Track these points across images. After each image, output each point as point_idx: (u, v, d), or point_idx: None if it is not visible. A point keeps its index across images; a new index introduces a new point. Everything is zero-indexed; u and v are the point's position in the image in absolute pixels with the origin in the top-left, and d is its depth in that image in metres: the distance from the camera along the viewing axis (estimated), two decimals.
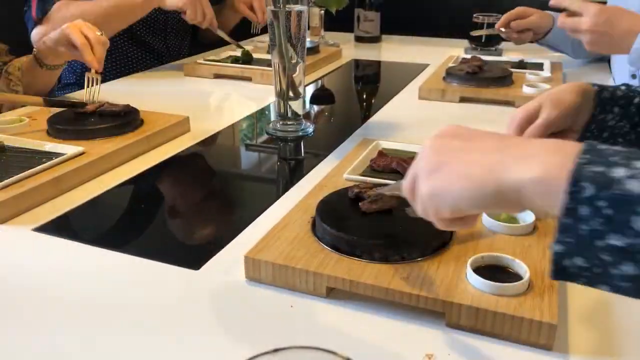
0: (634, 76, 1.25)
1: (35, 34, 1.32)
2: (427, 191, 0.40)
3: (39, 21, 1.32)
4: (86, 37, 1.04)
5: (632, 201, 0.31)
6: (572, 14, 1.08)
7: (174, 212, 0.78)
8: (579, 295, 0.55)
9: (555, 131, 0.61)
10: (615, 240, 0.32)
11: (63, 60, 1.14)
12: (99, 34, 1.06)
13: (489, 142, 0.39)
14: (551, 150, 0.35)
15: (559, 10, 1.15)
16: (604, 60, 1.50)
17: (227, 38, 1.55)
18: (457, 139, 0.41)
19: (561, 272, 0.35)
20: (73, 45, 1.04)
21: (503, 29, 1.48)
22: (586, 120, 0.62)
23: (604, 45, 1.06)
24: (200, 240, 0.71)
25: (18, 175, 0.74)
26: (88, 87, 1.06)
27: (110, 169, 0.85)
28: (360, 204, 0.61)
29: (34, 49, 1.12)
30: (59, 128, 0.90)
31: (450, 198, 0.39)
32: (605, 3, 1.18)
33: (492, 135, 0.41)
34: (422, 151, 0.42)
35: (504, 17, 1.48)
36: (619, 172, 0.32)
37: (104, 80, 1.31)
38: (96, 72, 1.05)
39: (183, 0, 1.37)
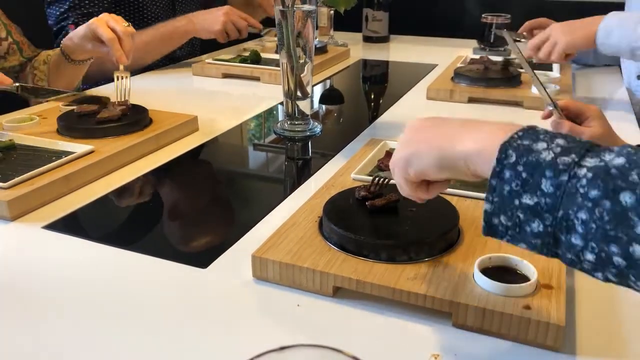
0: (639, 77, 1.25)
1: None
2: (400, 156, 0.48)
3: None
4: (113, 31, 1.03)
5: (543, 166, 0.37)
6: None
7: (182, 211, 0.79)
8: (587, 296, 0.55)
9: None
10: (528, 200, 0.37)
11: (90, 55, 1.14)
12: (125, 24, 1.05)
13: (454, 123, 0.47)
14: (499, 129, 0.41)
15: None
16: (615, 65, 1.49)
17: (272, 35, 1.54)
18: (431, 121, 0.49)
19: (490, 229, 0.40)
20: (101, 40, 1.03)
21: (525, 34, 1.43)
22: None
23: (578, 32, 1.13)
24: (207, 239, 0.72)
25: (28, 173, 0.74)
26: (118, 86, 1.03)
27: (119, 168, 0.85)
28: (367, 203, 0.61)
29: (61, 44, 1.12)
30: (69, 127, 0.91)
31: (417, 160, 0.46)
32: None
33: (461, 120, 0.48)
34: (405, 130, 0.50)
35: (527, 24, 1.43)
36: (540, 145, 0.38)
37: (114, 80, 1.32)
38: (124, 66, 1.03)
39: (214, 31, 1.41)
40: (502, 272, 0.53)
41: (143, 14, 1.48)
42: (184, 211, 0.79)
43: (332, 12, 1.79)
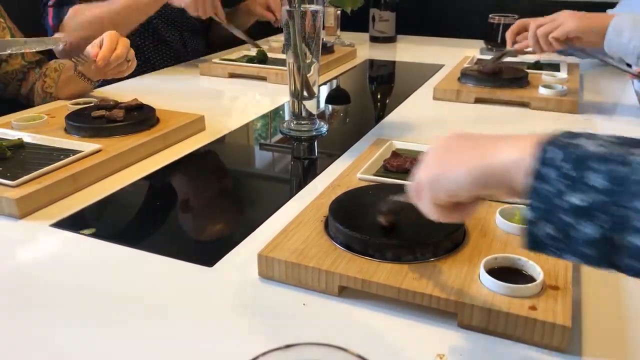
0: None
1: None
2: (427, 179, 0.44)
3: (55, 28, 1.35)
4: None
5: (591, 158, 0.33)
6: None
7: (188, 210, 0.79)
8: (593, 297, 0.55)
9: None
10: (576, 199, 0.33)
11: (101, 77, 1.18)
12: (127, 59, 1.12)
13: (484, 138, 0.42)
14: (534, 137, 0.38)
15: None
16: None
17: (239, 34, 1.56)
18: (456, 139, 0.44)
19: (534, 242, 0.36)
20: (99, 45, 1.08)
21: (515, 49, 1.39)
22: None
23: (589, 21, 1.11)
24: (214, 238, 0.72)
25: (36, 172, 0.75)
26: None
27: (126, 167, 0.86)
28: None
29: (78, 65, 1.14)
30: (76, 125, 0.92)
31: (447, 182, 0.42)
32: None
33: (491, 135, 0.43)
34: (428, 151, 0.46)
35: (508, 36, 1.39)
36: (583, 140, 0.35)
37: (122, 78, 1.33)
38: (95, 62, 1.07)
39: (187, 1, 1.40)
40: (508, 273, 0.52)
41: None
42: (190, 210, 0.79)
43: (339, 12, 1.80)
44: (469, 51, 1.63)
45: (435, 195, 0.43)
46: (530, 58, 1.43)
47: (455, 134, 0.46)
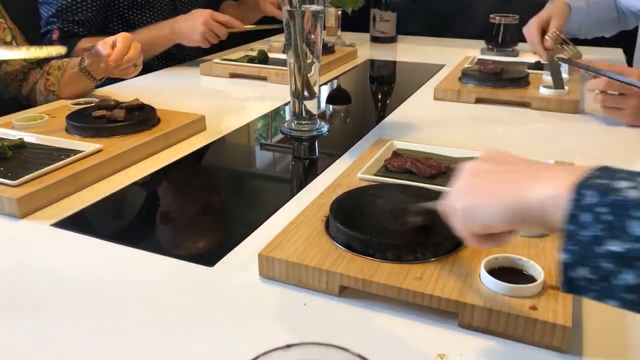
0: None
1: None
2: (461, 208, 0.43)
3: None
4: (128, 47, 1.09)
5: (629, 206, 0.33)
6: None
7: (189, 210, 0.79)
8: None
9: None
10: (614, 246, 0.33)
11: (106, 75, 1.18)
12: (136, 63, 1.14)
13: (520, 166, 0.42)
14: (570, 172, 0.37)
15: None
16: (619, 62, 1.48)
17: (253, 28, 1.59)
18: (493, 163, 0.44)
19: (570, 284, 0.36)
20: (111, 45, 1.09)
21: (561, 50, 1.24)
22: None
23: None
24: (214, 238, 0.72)
25: (37, 172, 0.75)
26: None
27: (127, 166, 0.86)
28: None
29: (84, 61, 1.14)
30: (77, 125, 0.92)
31: (481, 214, 0.42)
32: None
33: (525, 160, 0.43)
34: (461, 174, 0.45)
35: (535, 39, 1.26)
36: (622, 183, 0.34)
37: (123, 78, 1.33)
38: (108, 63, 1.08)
39: (195, 40, 1.43)
40: (508, 273, 0.52)
41: (134, 24, 1.49)
42: (191, 210, 0.79)
43: (339, 12, 1.80)
44: (470, 51, 1.63)
45: (469, 226, 0.43)
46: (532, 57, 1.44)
47: (488, 155, 0.45)
